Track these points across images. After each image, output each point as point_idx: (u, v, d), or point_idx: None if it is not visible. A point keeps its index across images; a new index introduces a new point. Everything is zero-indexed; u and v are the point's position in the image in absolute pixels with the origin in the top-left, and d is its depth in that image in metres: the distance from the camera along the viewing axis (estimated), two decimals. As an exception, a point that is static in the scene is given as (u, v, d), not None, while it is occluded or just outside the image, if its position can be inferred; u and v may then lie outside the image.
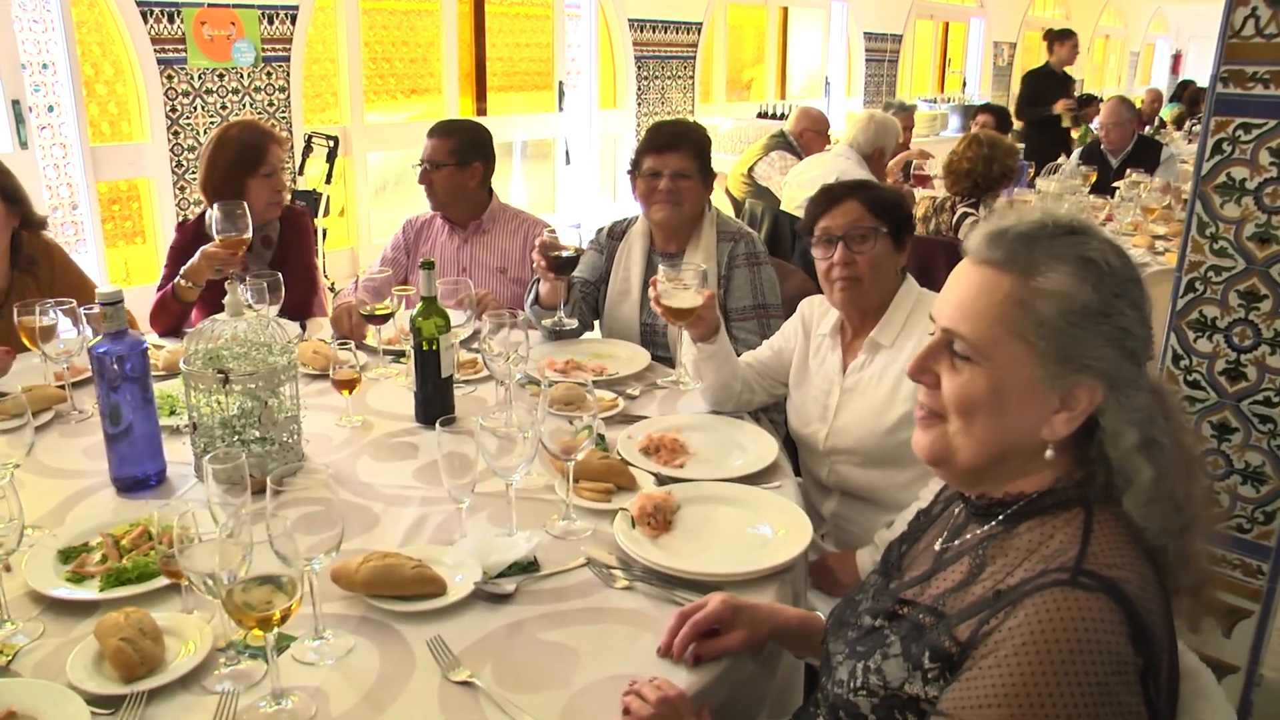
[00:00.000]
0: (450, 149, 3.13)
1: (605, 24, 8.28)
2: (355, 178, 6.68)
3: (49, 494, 1.92)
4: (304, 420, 2.16)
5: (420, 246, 3.31)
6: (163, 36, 5.47)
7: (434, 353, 2.16)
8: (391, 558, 1.52)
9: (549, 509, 1.80)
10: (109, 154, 5.62)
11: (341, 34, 6.46)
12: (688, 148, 2.71)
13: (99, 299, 1.83)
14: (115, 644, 1.32)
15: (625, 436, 2.06)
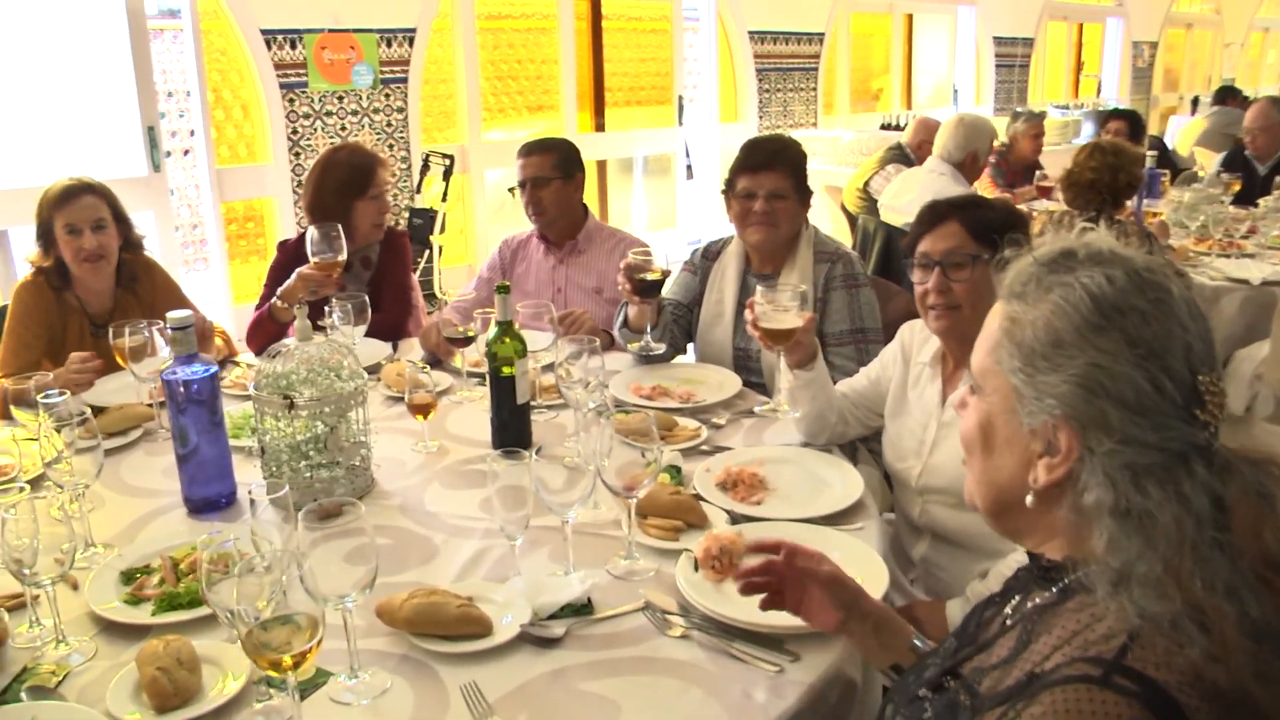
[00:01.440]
0: (554, 163, 3.15)
1: (725, 36, 8.25)
2: (473, 195, 6.83)
3: (125, 512, 1.98)
4: (380, 443, 2.19)
5: (516, 267, 3.33)
6: (285, 62, 5.72)
7: (509, 378, 2.14)
8: (437, 595, 1.49)
9: (613, 547, 1.75)
10: (234, 175, 5.89)
11: (459, 53, 6.62)
12: (783, 166, 2.64)
13: (169, 323, 1.87)
14: (151, 673, 1.33)
15: (703, 469, 2.00)
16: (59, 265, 2.80)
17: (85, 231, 2.73)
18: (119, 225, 2.86)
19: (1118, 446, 0.91)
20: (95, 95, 5.38)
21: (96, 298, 2.87)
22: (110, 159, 5.42)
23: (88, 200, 2.76)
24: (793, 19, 8.48)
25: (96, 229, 2.75)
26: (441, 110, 6.81)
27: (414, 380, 2.23)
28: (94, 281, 2.83)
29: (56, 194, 2.78)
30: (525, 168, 3.18)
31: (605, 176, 7.90)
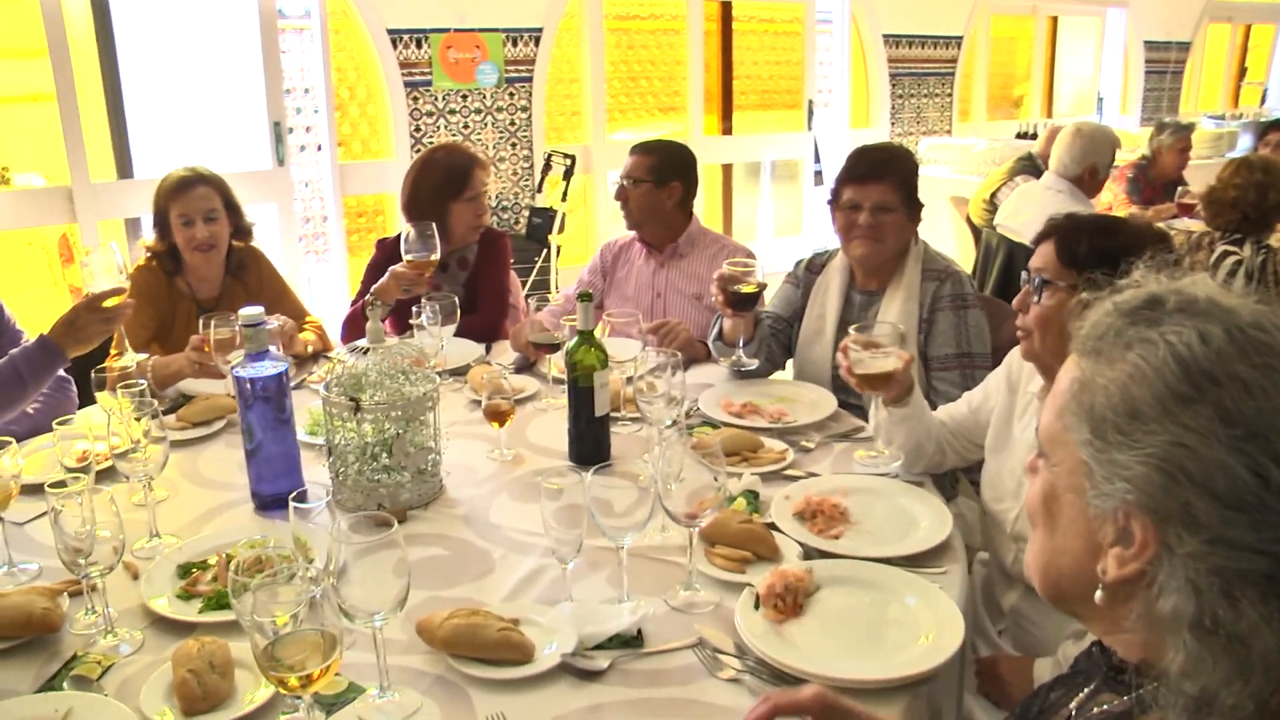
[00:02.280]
0: (649, 166, 3.11)
1: (858, 39, 8.08)
2: (594, 196, 6.85)
3: (195, 504, 2.02)
4: (455, 448, 2.18)
5: (617, 271, 3.30)
6: (410, 61, 5.85)
7: (588, 389, 2.10)
8: (478, 616, 1.45)
9: (676, 575, 1.67)
10: (356, 170, 6.07)
11: (586, 53, 6.66)
12: (891, 177, 2.52)
13: (241, 320, 1.89)
14: (182, 675, 1.33)
15: (782, 496, 1.90)
16: (172, 251, 2.91)
17: (198, 222, 2.84)
18: (230, 214, 2.96)
19: (1204, 547, 0.76)
20: (226, 92, 5.62)
21: (205, 284, 2.97)
22: (238, 152, 5.66)
23: (201, 191, 2.87)
24: (929, 22, 8.23)
25: (208, 220, 2.86)
26: (566, 110, 6.86)
27: (494, 385, 2.20)
28: (204, 269, 2.93)
29: (172, 184, 2.89)
30: (625, 165, 3.17)
31: (731, 180, 7.83)
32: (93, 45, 5.19)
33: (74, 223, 5.11)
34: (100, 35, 5.20)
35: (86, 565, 1.48)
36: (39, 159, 5.29)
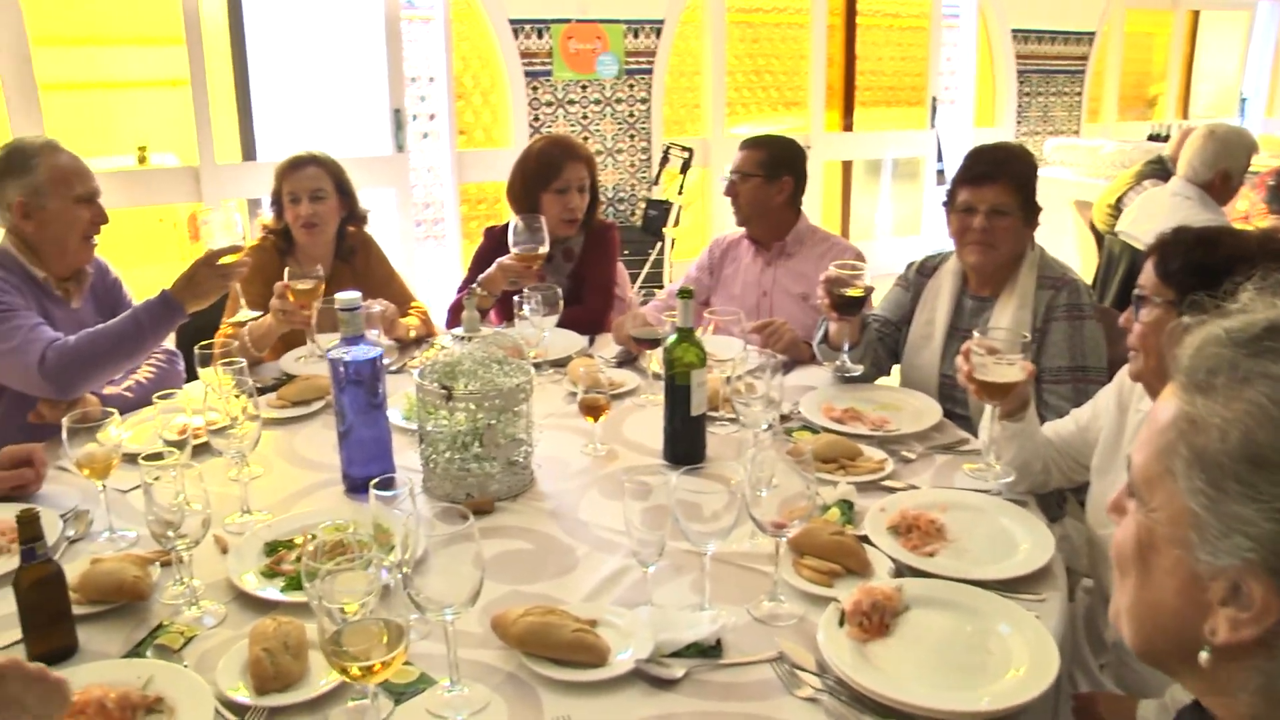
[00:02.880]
0: (759, 160, 3.06)
1: (985, 35, 7.80)
2: (712, 190, 6.81)
3: (288, 482, 2.06)
4: (549, 440, 2.18)
5: (725, 268, 3.26)
6: (531, 51, 5.91)
7: (685, 387, 2.06)
8: (554, 615, 1.43)
9: (762, 584, 1.62)
10: (474, 158, 6.17)
11: (707, 46, 6.62)
12: (1008, 179, 2.40)
13: (338, 304, 1.91)
14: (256, 653, 1.35)
15: (878, 508, 1.83)
16: (286, 230, 2.98)
17: (304, 200, 2.92)
18: (342, 198, 3.01)
19: None
20: (350, 80, 5.78)
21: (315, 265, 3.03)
22: (359, 138, 5.80)
23: (311, 171, 2.94)
24: (1061, 17, 7.89)
25: (315, 198, 2.93)
26: (686, 103, 6.83)
27: (591, 379, 2.18)
28: (313, 249, 3.00)
29: (286, 164, 2.98)
30: (735, 159, 3.12)
31: (850, 177, 7.68)
32: (225, 34, 5.41)
33: (200, 201, 5.33)
34: (232, 25, 5.42)
35: (175, 538, 1.51)
36: (173, 140, 5.53)
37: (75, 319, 2.49)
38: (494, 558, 1.72)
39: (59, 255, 2.47)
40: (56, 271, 2.48)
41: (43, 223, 2.41)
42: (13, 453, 1.95)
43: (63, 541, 1.78)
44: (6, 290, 2.33)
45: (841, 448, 2.09)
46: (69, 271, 2.52)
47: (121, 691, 1.30)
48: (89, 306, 2.58)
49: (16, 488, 1.93)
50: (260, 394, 2.47)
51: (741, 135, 6.90)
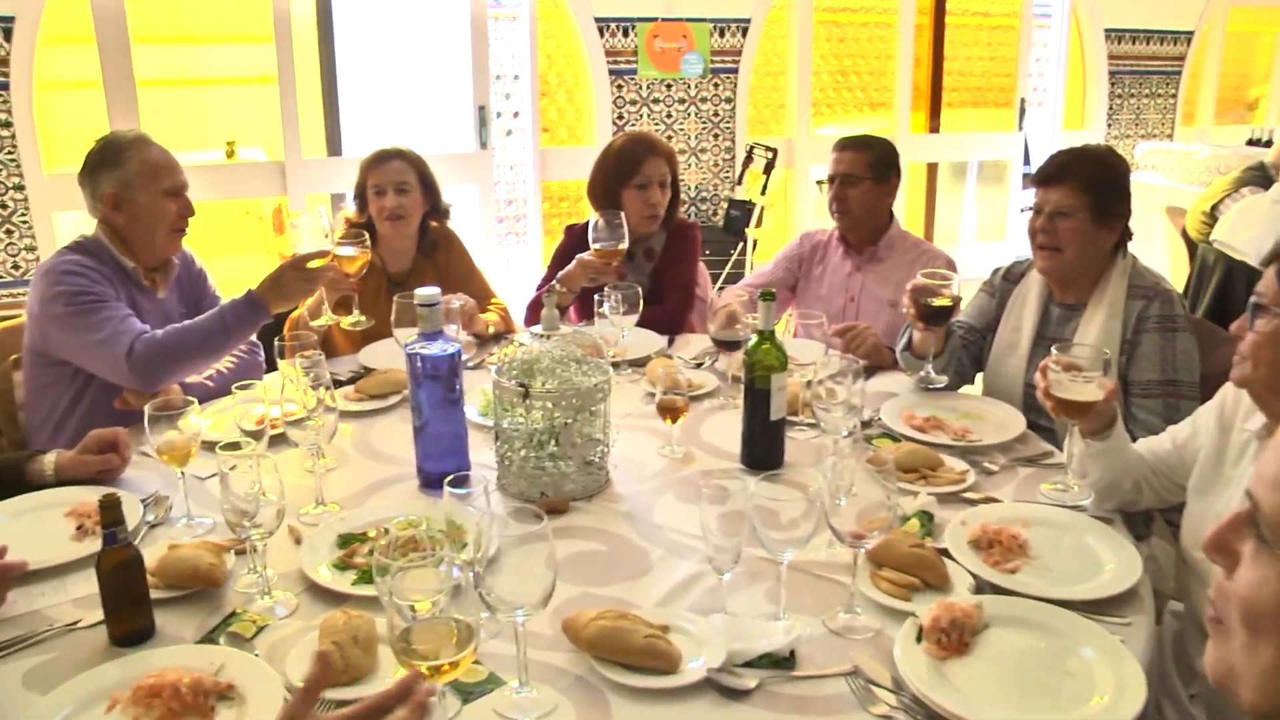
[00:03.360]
0: (868, 163, 2.99)
1: (1077, 34, 7.57)
2: (795, 191, 6.74)
3: (363, 475, 2.07)
4: (626, 440, 2.16)
5: (813, 266, 3.20)
6: (616, 49, 5.91)
7: (764, 391, 2.03)
8: (626, 620, 1.40)
9: (838, 595, 1.58)
10: (557, 156, 6.19)
11: (794, 46, 6.55)
12: (1075, 180, 2.30)
13: (417, 300, 1.92)
14: (326, 645, 1.35)
15: (958, 521, 1.77)
16: (368, 224, 3.01)
17: (389, 192, 2.94)
18: (426, 193, 3.04)
19: None
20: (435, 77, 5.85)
21: (397, 258, 3.07)
22: (443, 135, 5.87)
23: (396, 164, 2.97)
24: (1158, 15, 7.59)
25: (399, 191, 2.96)
26: (771, 102, 6.77)
27: (669, 380, 2.15)
28: (396, 242, 3.03)
29: (371, 157, 3.02)
30: (838, 162, 3.04)
31: (935, 180, 7.51)
32: (314, 32, 5.52)
33: (284, 195, 5.45)
34: (321, 23, 5.52)
35: (249, 527, 1.53)
36: (262, 135, 5.66)
37: (161, 309, 2.55)
38: (567, 558, 1.70)
39: (147, 246, 2.52)
40: (145, 262, 2.54)
41: (132, 214, 2.47)
42: (99, 437, 2.00)
43: (143, 526, 1.82)
44: (98, 281, 2.39)
45: (922, 457, 2.03)
46: (157, 262, 2.58)
47: (195, 677, 1.32)
48: (174, 297, 2.64)
49: (102, 471, 1.97)
50: (337, 387, 2.51)
51: (826, 136, 6.89)
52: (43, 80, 5.00)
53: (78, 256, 2.43)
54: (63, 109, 5.19)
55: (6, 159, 4.90)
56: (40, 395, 2.46)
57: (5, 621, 1.52)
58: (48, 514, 1.85)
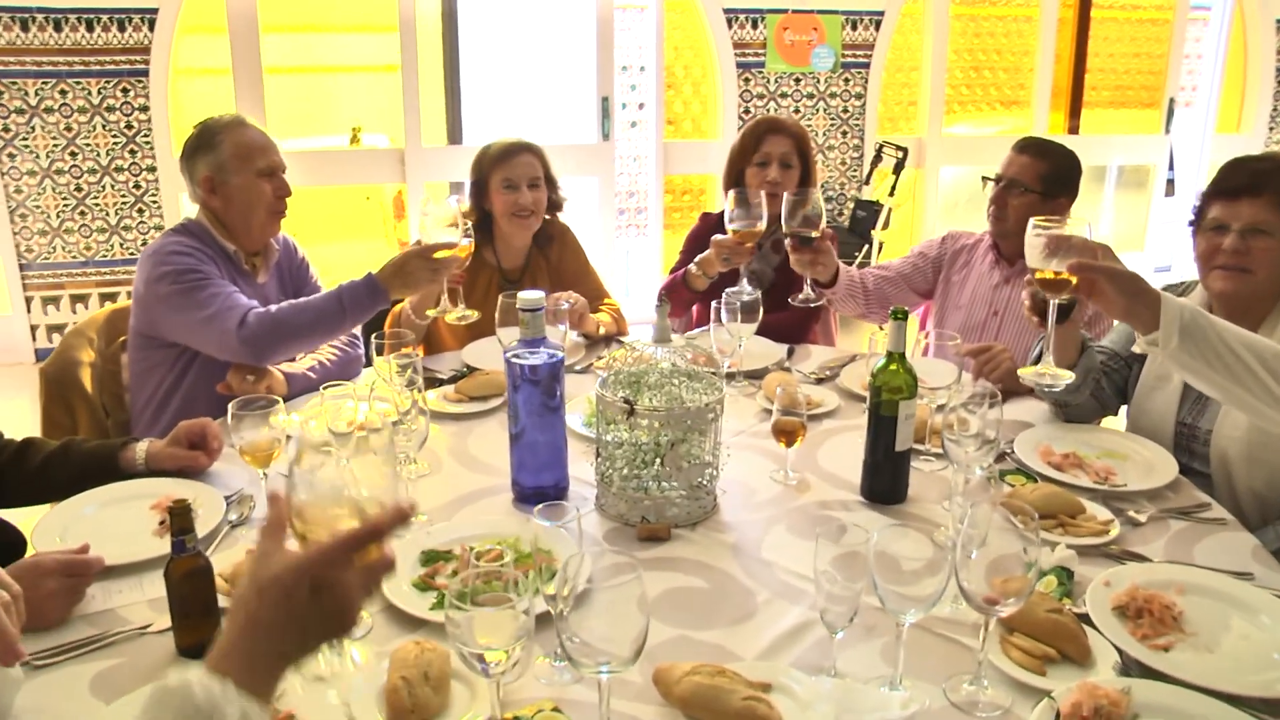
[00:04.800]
0: (1041, 174, 2.71)
1: (1240, 29, 6.99)
2: (925, 192, 6.45)
3: (455, 484, 1.96)
4: (737, 461, 2.02)
5: (954, 271, 2.94)
6: (745, 42, 5.73)
7: (890, 418, 1.85)
8: (724, 678, 1.26)
9: (962, 660, 1.40)
10: (680, 149, 6.07)
11: (927, 40, 6.25)
12: (1273, 192, 2.03)
13: (520, 304, 1.81)
14: (395, 681, 1.25)
15: (1102, 582, 1.55)
16: (483, 219, 2.93)
17: (522, 187, 2.86)
18: (548, 187, 2.95)
19: None
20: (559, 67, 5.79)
21: (512, 254, 2.99)
22: (564, 125, 5.81)
23: (526, 159, 2.88)
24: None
25: (532, 186, 2.88)
26: (901, 99, 6.51)
27: (787, 398, 1.98)
28: (515, 238, 2.94)
29: (498, 151, 2.92)
30: (1010, 164, 2.76)
31: (1072, 185, 7.12)
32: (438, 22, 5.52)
33: (403, 182, 5.46)
34: (446, 13, 5.52)
35: (327, 540, 1.43)
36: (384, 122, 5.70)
37: (261, 294, 2.51)
38: (665, 594, 1.57)
39: (245, 229, 2.49)
40: (246, 245, 2.51)
41: (228, 197, 2.44)
42: (188, 428, 1.94)
43: (224, 525, 1.75)
44: (204, 260, 2.37)
45: (1061, 501, 1.81)
46: (257, 245, 2.55)
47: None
48: (274, 282, 2.60)
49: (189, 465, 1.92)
50: (437, 385, 2.43)
51: (958, 135, 6.58)
52: (177, 68, 5.16)
53: (182, 238, 2.41)
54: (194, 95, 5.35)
55: (142, 141, 5.09)
56: (144, 378, 2.45)
57: (82, 619, 1.48)
58: (134, 505, 1.80)
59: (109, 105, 5.03)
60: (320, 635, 0.93)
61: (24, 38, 4.86)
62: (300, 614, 0.90)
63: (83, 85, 4.99)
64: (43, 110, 4.97)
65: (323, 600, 0.90)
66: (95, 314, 2.64)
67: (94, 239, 5.19)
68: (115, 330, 2.58)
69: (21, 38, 4.86)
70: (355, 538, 0.95)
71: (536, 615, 1.17)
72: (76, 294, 5.24)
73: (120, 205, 5.17)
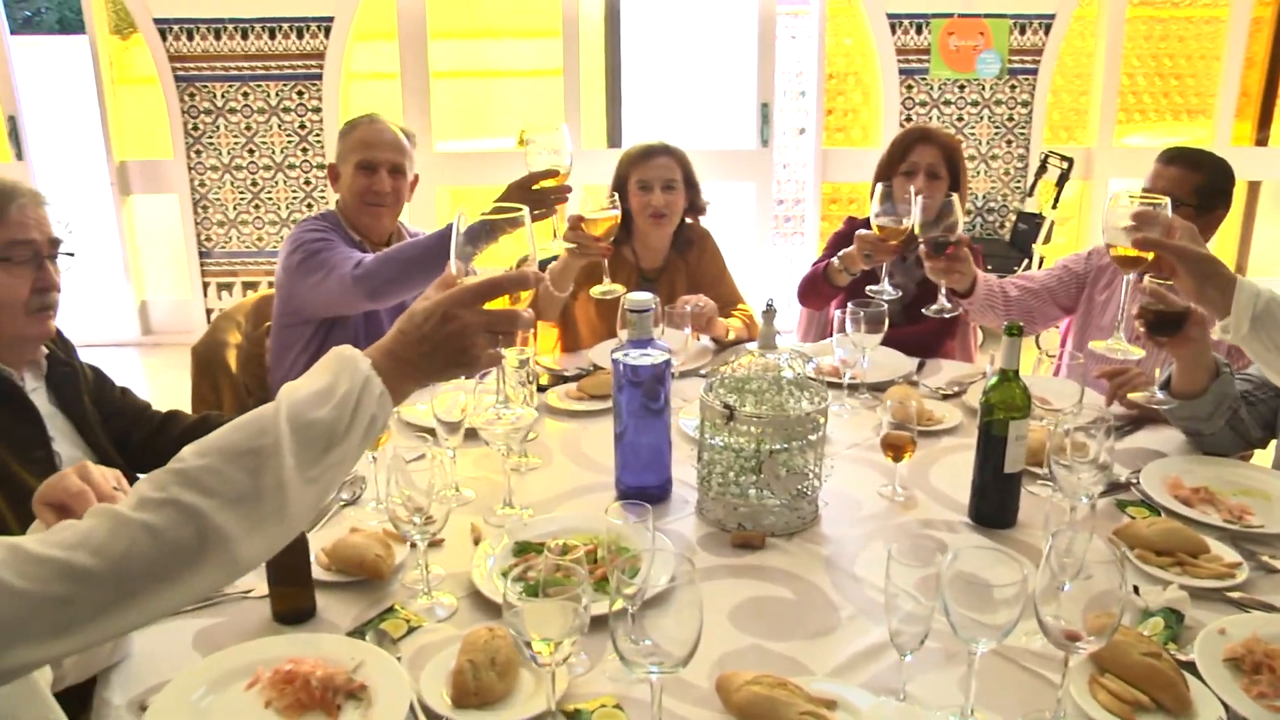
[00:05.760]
0: (1196, 186, 2.53)
1: None
2: (1092, 205, 6.13)
3: (562, 479, 2.00)
4: (845, 473, 2.00)
5: (1098, 290, 2.77)
6: (907, 47, 5.58)
7: (1001, 439, 1.78)
8: (784, 691, 1.24)
9: (1041, 694, 1.33)
10: (839, 156, 5.97)
11: (1101, 44, 5.89)
12: None
13: (628, 304, 1.82)
14: (461, 663, 1.29)
15: (1216, 630, 1.43)
16: (624, 218, 2.97)
17: (656, 189, 2.90)
18: (688, 190, 2.97)
19: None
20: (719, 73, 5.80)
21: (651, 255, 3.02)
22: (723, 131, 5.81)
23: (663, 161, 2.92)
24: None
25: (666, 189, 2.91)
26: (1071, 107, 6.19)
27: (900, 412, 1.93)
28: (653, 237, 2.98)
29: (636, 152, 2.97)
30: (1158, 177, 2.59)
31: (1256, 201, 6.53)
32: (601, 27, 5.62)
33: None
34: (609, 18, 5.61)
35: (422, 524, 1.49)
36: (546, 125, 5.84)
37: None
38: (747, 602, 1.56)
39: (355, 219, 2.64)
40: (368, 236, 2.64)
41: (340, 188, 2.64)
42: None
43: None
44: (333, 239, 2.51)
45: (1182, 538, 1.68)
46: (377, 237, 2.67)
47: (329, 672, 1.30)
48: None
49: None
50: (561, 383, 2.48)
51: (1131, 146, 6.19)
52: (349, 72, 5.46)
53: (316, 221, 2.59)
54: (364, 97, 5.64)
55: (314, 140, 5.47)
56: (281, 358, 2.60)
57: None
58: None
59: (285, 106, 5.41)
60: (444, 361, 1.14)
61: (215, 45, 5.29)
62: (430, 336, 1.12)
63: (262, 88, 5.38)
64: (226, 111, 5.40)
65: (448, 329, 1.12)
66: (245, 299, 2.83)
67: (266, 230, 5.59)
68: (262, 315, 2.76)
69: (214, 45, 5.30)
70: (478, 286, 1.14)
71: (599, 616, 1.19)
72: (248, 281, 5.66)
73: (291, 200, 5.55)
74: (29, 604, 0.91)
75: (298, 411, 1.04)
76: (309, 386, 1.07)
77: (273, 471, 1.01)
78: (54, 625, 0.93)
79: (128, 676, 1.36)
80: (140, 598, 0.96)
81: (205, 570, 0.98)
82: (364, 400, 1.07)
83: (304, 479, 1.03)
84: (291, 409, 1.04)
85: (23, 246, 1.73)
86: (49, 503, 1.24)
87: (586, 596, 1.15)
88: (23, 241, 1.73)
